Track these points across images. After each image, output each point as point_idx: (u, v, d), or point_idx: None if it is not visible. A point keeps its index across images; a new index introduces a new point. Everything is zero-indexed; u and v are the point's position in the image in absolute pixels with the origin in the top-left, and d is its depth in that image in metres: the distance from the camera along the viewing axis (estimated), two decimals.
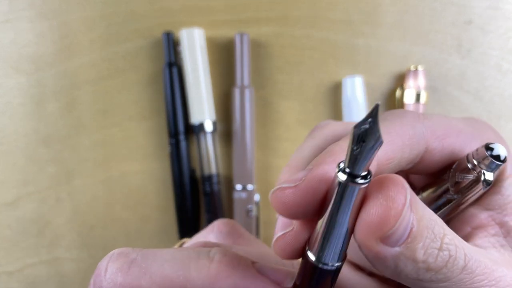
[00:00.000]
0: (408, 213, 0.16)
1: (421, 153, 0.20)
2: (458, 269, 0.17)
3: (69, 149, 0.43)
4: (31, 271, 0.44)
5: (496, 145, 0.18)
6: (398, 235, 0.16)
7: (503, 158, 0.18)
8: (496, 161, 0.18)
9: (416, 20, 0.42)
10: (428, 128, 0.20)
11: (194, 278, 0.18)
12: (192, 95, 0.42)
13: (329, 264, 0.17)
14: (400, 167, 0.20)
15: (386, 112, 0.21)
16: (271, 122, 0.44)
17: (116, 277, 0.18)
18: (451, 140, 0.21)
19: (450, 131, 0.21)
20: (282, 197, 0.17)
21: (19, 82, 0.43)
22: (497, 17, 0.42)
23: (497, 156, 0.18)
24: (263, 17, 0.43)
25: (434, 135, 0.20)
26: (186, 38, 0.42)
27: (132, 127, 0.43)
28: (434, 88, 0.43)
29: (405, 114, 0.20)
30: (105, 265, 0.19)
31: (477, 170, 0.19)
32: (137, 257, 0.19)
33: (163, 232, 0.44)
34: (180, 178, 0.42)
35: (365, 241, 0.16)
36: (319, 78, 0.43)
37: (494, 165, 0.19)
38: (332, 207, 0.16)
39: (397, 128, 0.20)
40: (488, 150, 0.18)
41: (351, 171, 0.15)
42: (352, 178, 0.15)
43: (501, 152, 0.18)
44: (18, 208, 0.43)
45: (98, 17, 0.42)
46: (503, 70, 0.43)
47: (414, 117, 0.20)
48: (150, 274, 0.18)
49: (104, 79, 0.43)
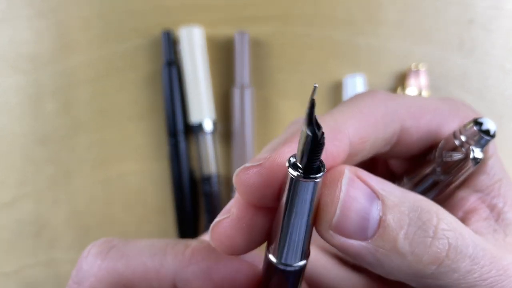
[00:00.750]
0: (360, 200, 0.16)
1: (397, 132, 0.20)
2: (465, 260, 0.16)
3: (67, 149, 0.43)
4: (29, 272, 0.43)
5: (485, 119, 0.18)
6: (354, 224, 0.16)
7: (493, 133, 0.18)
8: (486, 136, 0.18)
9: (418, 19, 0.42)
10: (402, 105, 0.20)
11: (168, 262, 0.19)
12: (191, 95, 0.42)
13: (291, 264, 0.16)
14: (377, 147, 0.20)
15: (359, 93, 0.21)
16: (271, 122, 0.43)
17: (95, 259, 0.19)
18: (427, 118, 0.20)
19: (426, 109, 0.20)
20: (246, 178, 0.17)
21: (16, 81, 0.42)
22: (499, 16, 0.42)
23: (486, 130, 0.18)
24: (263, 16, 0.42)
25: (408, 113, 0.20)
26: (186, 37, 0.41)
27: (130, 127, 0.43)
28: (435, 87, 0.43)
29: (377, 93, 0.20)
30: (88, 249, 0.20)
31: (466, 147, 0.18)
32: (118, 243, 0.20)
33: (162, 233, 0.44)
34: (179, 178, 0.42)
35: (321, 235, 0.16)
36: (320, 77, 0.43)
37: (484, 141, 0.18)
38: (286, 201, 0.15)
39: (369, 106, 0.19)
40: (477, 125, 0.18)
41: (301, 165, 0.14)
42: (303, 172, 0.15)
43: (490, 126, 0.18)
44: (15, 208, 0.43)
45: (96, 16, 0.42)
46: (505, 70, 0.42)
47: (386, 95, 0.20)
48: (127, 258, 0.19)
49: (103, 79, 0.42)
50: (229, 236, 0.17)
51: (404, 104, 0.20)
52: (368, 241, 0.16)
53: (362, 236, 0.16)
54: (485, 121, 0.18)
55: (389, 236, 0.16)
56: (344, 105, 0.19)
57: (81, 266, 0.20)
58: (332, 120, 0.18)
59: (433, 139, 0.20)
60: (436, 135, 0.20)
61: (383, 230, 0.16)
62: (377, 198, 0.16)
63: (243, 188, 0.17)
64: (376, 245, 0.16)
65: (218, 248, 0.18)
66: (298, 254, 0.16)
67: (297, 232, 0.16)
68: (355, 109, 0.19)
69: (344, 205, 0.16)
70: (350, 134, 0.18)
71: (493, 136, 0.18)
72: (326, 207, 0.16)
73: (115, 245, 0.20)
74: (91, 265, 0.19)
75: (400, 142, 0.20)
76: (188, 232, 0.42)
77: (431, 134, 0.20)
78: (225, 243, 0.17)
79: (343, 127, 0.18)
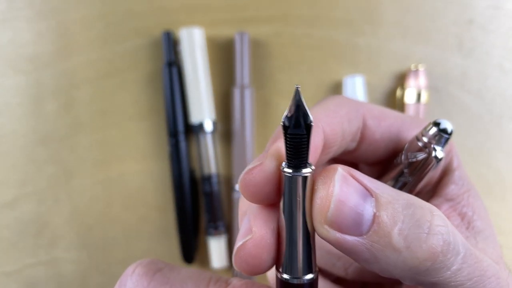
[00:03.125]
0: (354, 196, 0.16)
1: (360, 127, 0.22)
2: (457, 257, 0.17)
3: (67, 149, 0.43)
4: (30, 271, 0.44)
5: (442, 120, 0.20)
6: (349, 220, 0.16)
7: (450, 131, 0.19)
8: (445, 135, 0.19)
9: (417, 19, 0.42)
10: (363, 106, 0.22)
11: None
12: (191, 95, 0.42)
13: (299, 276, 0.17)
14: (345, 142, 0.21)
15: (322, 99, 0.22)
16: (271, 122, 0.43)
17: (141, 279, 0.19)
18: (389, 122, 0.22)
19: (387, 113, 0.22)
20: (251, 179, 0.17)
21: (17, 81, 0.42)
22: (498, 16, 0.42)
23: (444, 129, 0.19)
24: (263, 16, 0.42)
25: (370, 113, 0.22)
26: (186, 38, 0.41)
27: (131, 127, 0.43)
28: (435, 87, 0.43)
29: (340, 96, 0.22)
30: (133, 267, 0.20)
31: (428, 147, 0.20)
32: (164, 268, 0.20)
33: (163, 233, 0.44)
34: (179, 178, 0.42)
35: (317, 231, 0.16)
36: (320, 77, 0.43)
37: (444, 139, 0.19)
38: (282, 200, 0.16)
39: (334, 105, 0.21)
40: (435, 125, 0.19)
41: (292, 163, 0.16)
42: (294, 169, 0.16)
43: (447, 126, 0.19)
44: (16, 208, 0.43)
45: (97, 17, 0.42)
46: (504, 70, 0.42)
47: (349, 98, 0.22)
48: (171, 284, 0.19)
49: (103, 79, 0.43)
50: (255, 256, 0.17)
51: (365, 105, 0.22)
52: (363, 236, 0.16)
53: (357, 231, 0.16)
54: (442, 121, 0.19)
55: (383, 231, 0.16)
56: (313, 106, 0.21)
57: (125, 284, 0.20)
58: None
59: (394, 144, 0.22)
60: (397, 140, 0.22)
61: (378, 226, 0.16)
62: (371, 196, 0.16)
63: (249, 188, 0.17)
64: (371, 241, 0.16)
65: (245, 270, 0.18)
66: (305, 265, 0.17)
67: (299, 234, 0.16)
68: (323, 108, 0.20)
69: (338, 200, 0.16)
70: (323, 127, 0.19)
71: (450, 134, 0.19)
72: (320, 201, 0.16)
73: (161, 269, 0.20)
74: (136, 284, 0.19)
75: (364, 139, 0.22)
76: (188, 231, 0.42)
77: (392, 137, 0.22)
78: (252, 263, 0.18)
79: (317, 122, 0.19)
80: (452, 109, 0.43)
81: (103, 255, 0.44)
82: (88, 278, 0.44)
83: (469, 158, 0.43)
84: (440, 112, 0.43)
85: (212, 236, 0.42)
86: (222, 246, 0.43)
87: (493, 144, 0.43)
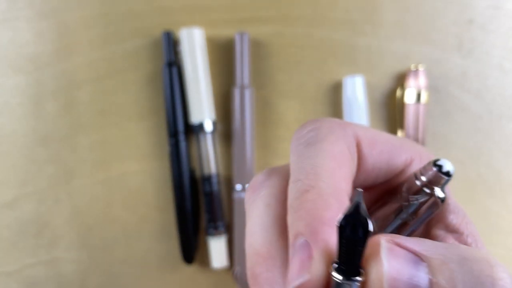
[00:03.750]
0: (405, 268, 0.15)
1: (355, 159, 0.20)
2: None
3: (68, 149, 0.43)
4: (30, 271, 0.44)
5: (443, 160, 0.18)
6: None
7: (452, 173, 0.18)
8: (447, 177, 0.18)
9: (417, 19, 0.42)
10: (357, 132, 0.20)
11: None
12: (191, 95, 0.42)
13: None
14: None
15: (309, 127, 0.20)
16: (271, 122, 0.43)
17: None
18: (379, 148, 0.20)
19: (377, 138, 0.20)
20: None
21: (17, 81, 0.42)
22: (498, 16, 0.42)
23: (446, 172, 0.18)
24: (263, 17, 0.42)
25: (364, 140, 0.20)
26: (186, 38, 0.41)
27: (131, 127, 0.43)
28: (435, 87, 0.43)
29: (333, 128, 0.19)
30: None
31: (430, 189, 0.19)
32: None
33: (163, 232, 0.44)
34: (179, 178, 0.42)
35: None
36: (320, 77, 0.43)
37: (445, 181, 0.19)
38: None
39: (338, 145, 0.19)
40: (436, 166, 0.18)
41: (344, 269, 0.15)
42: (345, 276, 0.15)
43: (449, 168, 0.18)
44: (16, 208, 0.43)
45: (97, 16, 0.42)
46: (504, 70, 0.42)
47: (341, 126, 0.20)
48: None
49: (103, 79, 0.43)
50: None
51: (358, 131, 0.20)
52: None
53: None
54: (444, 162, 0.18)
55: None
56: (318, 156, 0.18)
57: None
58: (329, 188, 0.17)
59: (385, 172, 0.21)
60: (388, 168, 0.20)
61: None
62: (422, 261, 0.15)
63: None
64: None
65: None
66: None
67: None
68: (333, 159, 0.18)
69: (391, 278, 0.15)
70: (345, 189, 0.18)
71: (451, 176, 0.18)
72: (373, 286, 0.15)
73: None
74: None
75: (359, 171, 0.20)
76: (188, 231, 0.43)
77: (382, 165, 0.20)
78: None
79: (340, 189, 0.17)
80: (452, 109, 0.43)
81: (103, 255, 0.44)
82: (88, 278, 0.44)
83: (468, 158, 0.43)
84: (441, 112, 0.43)
85: (212, 236, 0.43)
86: (222, 246, 0.43)
87: (493, 144, 0.43)
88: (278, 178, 0.19)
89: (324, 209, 0.16)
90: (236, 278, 0.43)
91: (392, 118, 0.43)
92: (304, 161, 0.18)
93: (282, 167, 0.20)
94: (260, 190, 0.19)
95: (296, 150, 0.19)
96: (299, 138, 0.19)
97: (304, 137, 0.19)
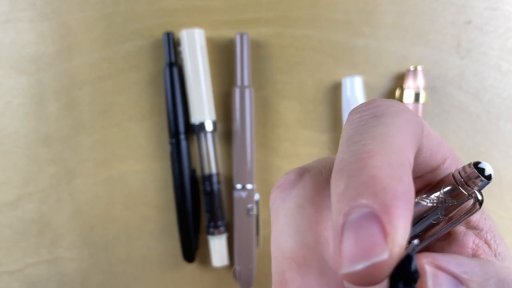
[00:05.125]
0: None
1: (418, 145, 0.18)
2: None
3: (69, 149, 0.43)
4: (32, 271, 0.44)
5: (484, 163, 0.18)
6: None
7: (493, 177, 0.18)
8: (487, 180, 0.18)
9: (416, 20, 0.43)
10: (421, 124, 0.18)
11: None
12: (192, 95, 0.42)
13: None
14: None
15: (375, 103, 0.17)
16: (271, 122, 0.44)
17: None
18: (431, 141, 0.19)
19: (430, 129, 0.19)
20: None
21: (19, 82, 0.43)
22: (496, 17, 0.42)
23: (488, 175, 0.18)
24: (263, 17, 0.43)
25: (425, 129, 0.19)
26: (187, 39, 0.42)
27: (132, 127, 0.43)
28: (433, 88, 0.43)
29: (404, 108, 0.17)
30: None
31: (470, 192, 0.19)
32: None
33: (164, 232, 0.44)
34: (180, 177, 0.42)
35: None
36: (319, 78, 0.43)
37: (485, 184, 0.18)
38: None
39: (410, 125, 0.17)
40: (477, 169, 0.18)
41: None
42: None
43: (491, 171, 0.18)
44: (18, 208, 0.43)
45: (98, 17, 0.42)
46: (502, 70, 0.43)
47: (413, 111, 0.19)
48: None
49: (105, 79, 0.43)
50: None
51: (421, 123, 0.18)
52: None
53: None
54: (485, 165, 0.18)
55: None
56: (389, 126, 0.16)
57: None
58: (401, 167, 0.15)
59: (424, 167, 0.20)
60: (427, 163, 0.20)
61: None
62: (461, 284, 0.15)
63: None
64: None
65: None
66: None
67: None
68: (407, 135, 0.16)
69: None
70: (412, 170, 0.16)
71: (491, 180, 0.18)
72: None
73: None
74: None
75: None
76: (189, 230, 0.43)
77: (426, 159, 0.19)
78: None
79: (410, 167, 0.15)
80: (450, 109, 0.43)
81: (105, 254, 0.44)
82: (90, 276, 0.44)
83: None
84: (439, 112, 0.43)
85: (213, 235, 0.43)
86: (222, 245, 0.43)
87: (491, 144, 0.43)
88: (312, 178, 0.17)
89: (397, 182, 0.13)
90: (236, 277, 0.43)
91: None
92: (370, 128, 0.15)
93: (315, 165, 0.18)
94: (291, 190, 0.17)
95: (357, 120, 0.16)
96: (362, 110, 0.16)
97: (369, 110, 0.16)
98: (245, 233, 0.42)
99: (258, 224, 0.43)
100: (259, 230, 0.43)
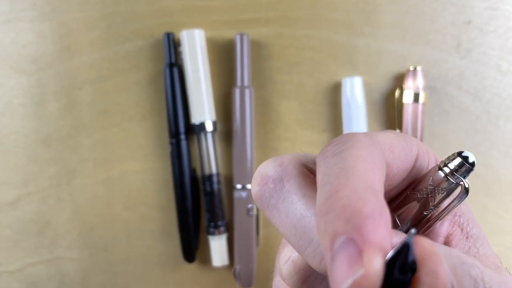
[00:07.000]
0: None
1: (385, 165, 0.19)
2: None
3: (69, 149, 0.43)
4: (32, 270, 0.44)
5: (467, 152, 0.19)
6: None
7: (475, 163, 0.19)
8: (472, 167, 0.19)
9: (416, 20, 0.43)
10: (378, 137, 0.20)
11: None
12: (192, 95, 0.42)
13: None
14: None
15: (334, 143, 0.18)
16: (271, 122, 0.44)
17: None
18: (397, 150, 0.20)
19: (391, 140, 0.20)
20: None
21: (19, 82, 0.43)
22: (496, 17, 0.42)
23: (472, 162, 0.19)
24: (263, 18, 0.43)
25: (384, 145, 0.19)
26: (187, 39, 0.42)
27: (132, 127, 0.43)
28: (433, 88, 0.43)
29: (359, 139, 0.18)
30: None
31: (457, 180, 0.19)
32: None
33: (164, 232, 0.44)
34: (180, 177, 0.42)
35: None
36: (319, 78, 0.43)
37: (470, 171, 0.19)
38: None
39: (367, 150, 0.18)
40: (460, 156, 0.19)
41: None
42: None
43: (473, 158, 0.19)
44: (18, 208, 0.43)
45: (99, 17, 0.42)
46: (502, 70, 0.43)
47: (366, 134, 0.19)
48: None
49: (105, 79, 0.43)
50: None
51: (381, 141, 0.19)
52: None
53: None
54: (468, 154, 0.19)
55: None
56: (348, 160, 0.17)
57: None
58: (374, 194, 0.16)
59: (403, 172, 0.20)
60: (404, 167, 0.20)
61: None
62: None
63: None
64: None
65: None
66: None
67: None
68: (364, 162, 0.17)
69: None
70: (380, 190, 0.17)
71: (474, 165, 0.19)
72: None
73: None
74: None
75: (386, 178, 0.19)
76: (189, 230, 0.43)
77: (401, 166, 0.20)
78: None
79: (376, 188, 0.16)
80: (450, 109, 0.43)
81: (105, 254, 0.44)
82: (90, 276, 0.44)
83: None
84: (438, 112, 0.43)
85: (213, 235, 0.43)
86: (222, 245, 0.43)
87: (491, 144, 0.43)
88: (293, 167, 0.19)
89: (363, 204, 0.15)
90: (236, 277, 0.43)
91: (390, 118, 0.43)
92: (332, 167, 0.17)
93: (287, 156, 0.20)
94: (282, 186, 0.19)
95: (323, 162, 0.17)
96: (325, 152, 0.18)
97: (330, 150, 0.18)
98: (245, 233, 0.42)
99: (258, 224, 0.43)
100: (259, 230, 0.43)
